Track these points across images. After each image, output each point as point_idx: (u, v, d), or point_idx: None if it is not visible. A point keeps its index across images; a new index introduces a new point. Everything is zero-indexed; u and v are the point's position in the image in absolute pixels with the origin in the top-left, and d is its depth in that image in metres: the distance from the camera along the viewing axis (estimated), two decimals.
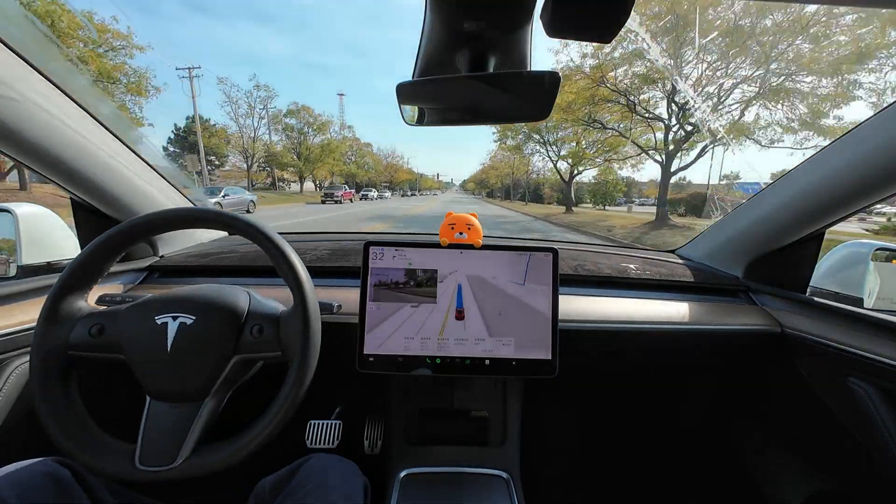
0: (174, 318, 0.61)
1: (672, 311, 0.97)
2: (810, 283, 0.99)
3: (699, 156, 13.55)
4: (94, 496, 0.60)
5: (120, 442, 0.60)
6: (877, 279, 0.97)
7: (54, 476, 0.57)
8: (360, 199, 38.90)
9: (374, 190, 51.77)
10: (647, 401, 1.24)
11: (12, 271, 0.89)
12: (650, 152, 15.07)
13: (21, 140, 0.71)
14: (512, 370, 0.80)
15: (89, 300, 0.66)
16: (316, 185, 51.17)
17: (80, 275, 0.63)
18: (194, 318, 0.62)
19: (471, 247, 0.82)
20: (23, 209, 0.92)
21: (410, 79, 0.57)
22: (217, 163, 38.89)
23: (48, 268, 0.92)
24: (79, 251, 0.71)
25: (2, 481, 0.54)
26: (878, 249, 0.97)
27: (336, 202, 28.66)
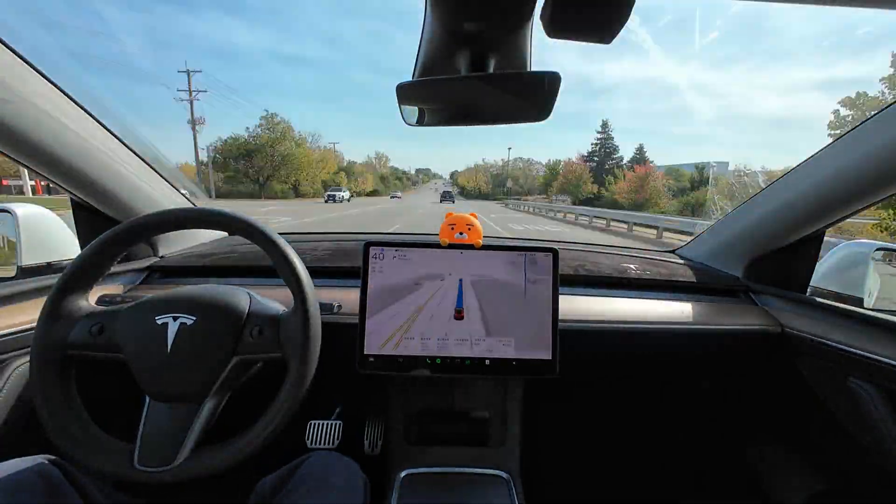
0: (174, 319, 0.61)
1: (672, 311, 0.97)
2: (811, 283, 0.99)
3: None
4: (85, 496, 0.59)
5: (118, 442, 0.60)
6: (877, 279, 0.97)
7: (44, 475, 0.56)
8: None
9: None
10: (647, 401, 1.24)
11: (12, 271, 0.89)
12: None
13: (21, 141, 0.70)
14: (512, 370, 0.80)
15: (90, 300, 0.66)
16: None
17: (80, 274, 0.63)
18: (194, 318, 0.62)
19: (471, 247, 0.82)
20: (23, 209, 0.92)
21: (410, 79, 0.57)
22: None
23: (48, 268, 0.92)
24: (79, 251, 0.71)
25: None
26: (878, 249, 0.97)
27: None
